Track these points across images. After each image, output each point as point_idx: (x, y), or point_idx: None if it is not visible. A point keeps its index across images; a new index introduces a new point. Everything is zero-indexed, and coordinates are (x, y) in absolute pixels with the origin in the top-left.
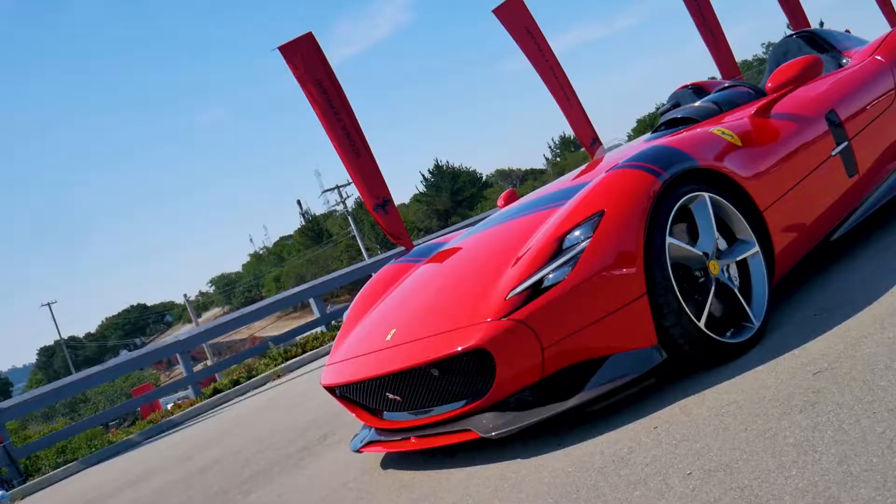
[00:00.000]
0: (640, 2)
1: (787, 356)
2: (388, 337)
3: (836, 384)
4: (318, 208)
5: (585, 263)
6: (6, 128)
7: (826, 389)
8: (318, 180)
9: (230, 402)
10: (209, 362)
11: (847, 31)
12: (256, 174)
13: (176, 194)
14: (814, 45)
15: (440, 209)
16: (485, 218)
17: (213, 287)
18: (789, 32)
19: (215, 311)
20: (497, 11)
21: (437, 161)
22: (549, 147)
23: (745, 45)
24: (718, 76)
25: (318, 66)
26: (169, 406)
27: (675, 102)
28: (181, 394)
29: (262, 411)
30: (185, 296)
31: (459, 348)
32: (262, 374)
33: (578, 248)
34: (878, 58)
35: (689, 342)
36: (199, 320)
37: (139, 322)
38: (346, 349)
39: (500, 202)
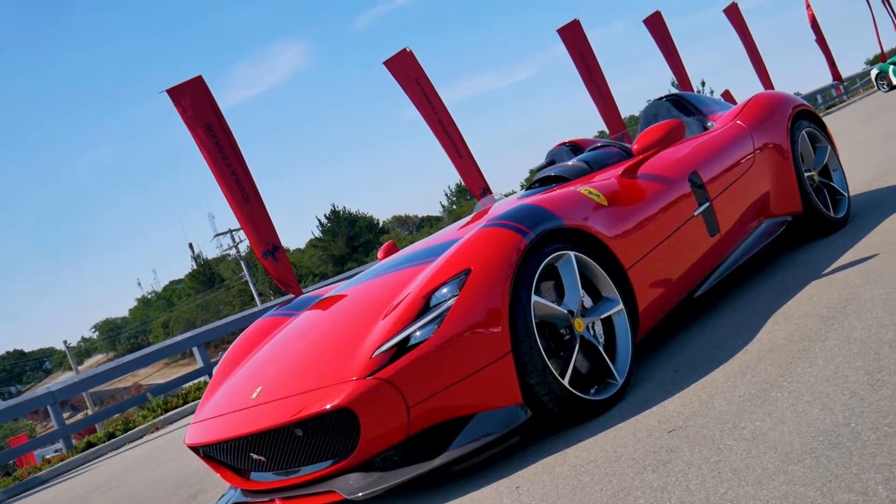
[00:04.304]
0: (537, 55)
1: (646, 413)
2: (254, 395)
3: (688, 443)
4: (211, 252)
5: (451, 321)
6: None
7: (678, 448)
8: (210, 223)
9: (104, 457)
10: (89, 412)
11: (727, 90)
12: (146, 216)
13: (59, 235)
14: (681, 109)
15: (336, 255)
16: (362, 271)
17: (97, 333)
18: (666, 93)
19: (98, 357)
20: (388, 63)
21: (333, 206)
22: (446, 194)
23: (634, 99)
24: (607, 130)
25: (207, 109)
26: (40, 460)
27: (551, 160)
28: (58, 445)
29: (135, 467)
30: (65, 342)
31: (325, 407)
32: (140, 427)
33: (445, 306)
34: (739, 122)
35: (554, 400)
36: (81, 367)
37: (15, 369)
38: (212, 407)
39: (379, 254)
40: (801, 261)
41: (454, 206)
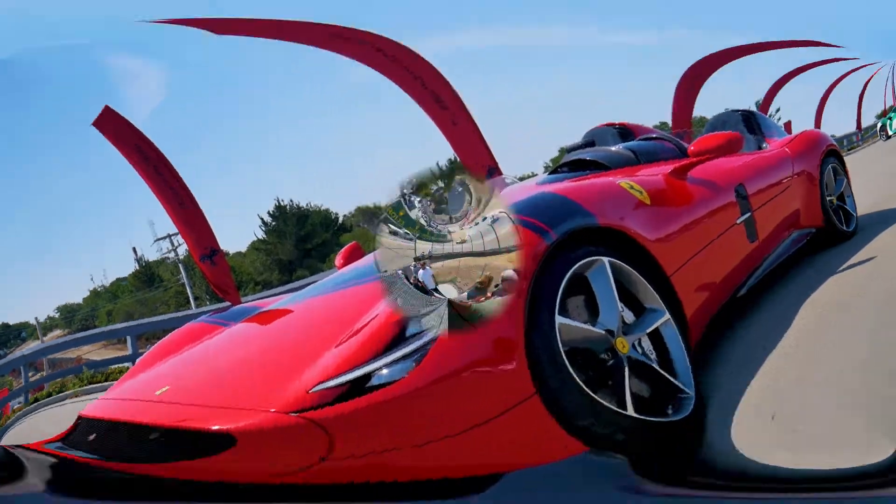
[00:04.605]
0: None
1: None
2: (159, 392)
3: None
4: (153, 255)
5: (436, 357)
6: None
7: None
8: (151, 229)
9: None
10: (44, 373)
11: (788, 121)
12: (93, 223)
13: (34, 232)
14: (747, 124)
15: (283, 259)
16: (315, 282)
17: (59, 313)
18: (745, 108)
19: (57, 332)
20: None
21: (278, 201)
22: None
23: (713, 103)
24: (669, 122)
25: (128, 133)
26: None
27: (590, 140)
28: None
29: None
30: (35, 318)
31: (212, 428)
32: (70, 392)
33: (428, 337)
34: (787, 150)
35: (626, 433)
36: (45, 338)
37: (1, 337)
38: (120, 390)
39: (338, 261)
40: (821, 262)
41: None
